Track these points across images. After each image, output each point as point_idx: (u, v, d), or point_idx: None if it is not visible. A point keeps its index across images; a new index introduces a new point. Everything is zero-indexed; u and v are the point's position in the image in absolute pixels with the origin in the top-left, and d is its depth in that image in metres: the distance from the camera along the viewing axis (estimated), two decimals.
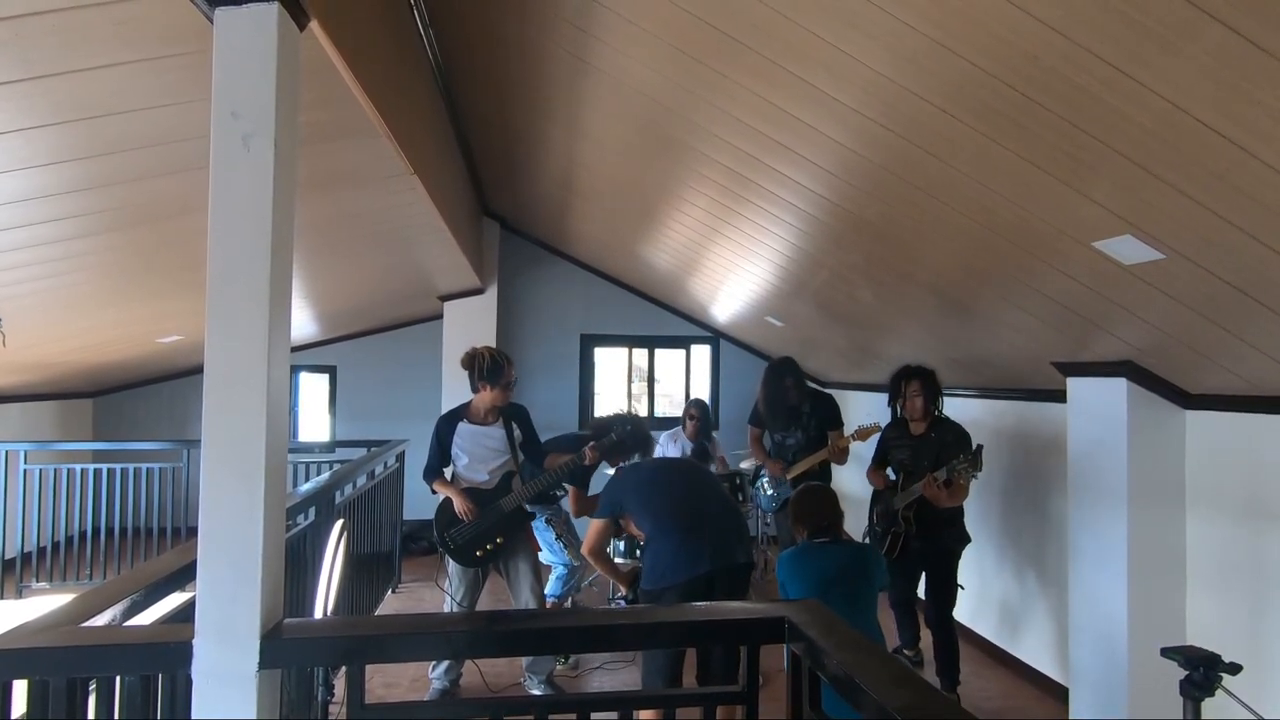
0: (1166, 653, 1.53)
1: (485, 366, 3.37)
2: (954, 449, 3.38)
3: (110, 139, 2.13)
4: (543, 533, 4.04)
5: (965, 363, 4.03)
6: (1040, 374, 3.46)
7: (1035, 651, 3.79)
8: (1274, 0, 1.23)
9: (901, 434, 3.63)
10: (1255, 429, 2.66)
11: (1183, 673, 1.50)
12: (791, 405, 4.10)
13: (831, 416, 4.13)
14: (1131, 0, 1.35)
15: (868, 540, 3.73)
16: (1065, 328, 2.92)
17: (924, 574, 3.56)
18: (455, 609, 3.42)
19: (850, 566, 2.58)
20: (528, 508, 3.49)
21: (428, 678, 3.48)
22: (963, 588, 3.52)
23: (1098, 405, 3.09)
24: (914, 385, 3.53)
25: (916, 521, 3.44)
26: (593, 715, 1.58)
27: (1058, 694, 3.49)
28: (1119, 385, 2.97)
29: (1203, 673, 1.43)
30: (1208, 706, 1.47)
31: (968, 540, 3.53)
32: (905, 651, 3.73)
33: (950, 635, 3.46)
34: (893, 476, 3.67)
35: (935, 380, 3.55)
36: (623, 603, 3.16)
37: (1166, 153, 1.68)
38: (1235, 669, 1.45)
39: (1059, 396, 3.36)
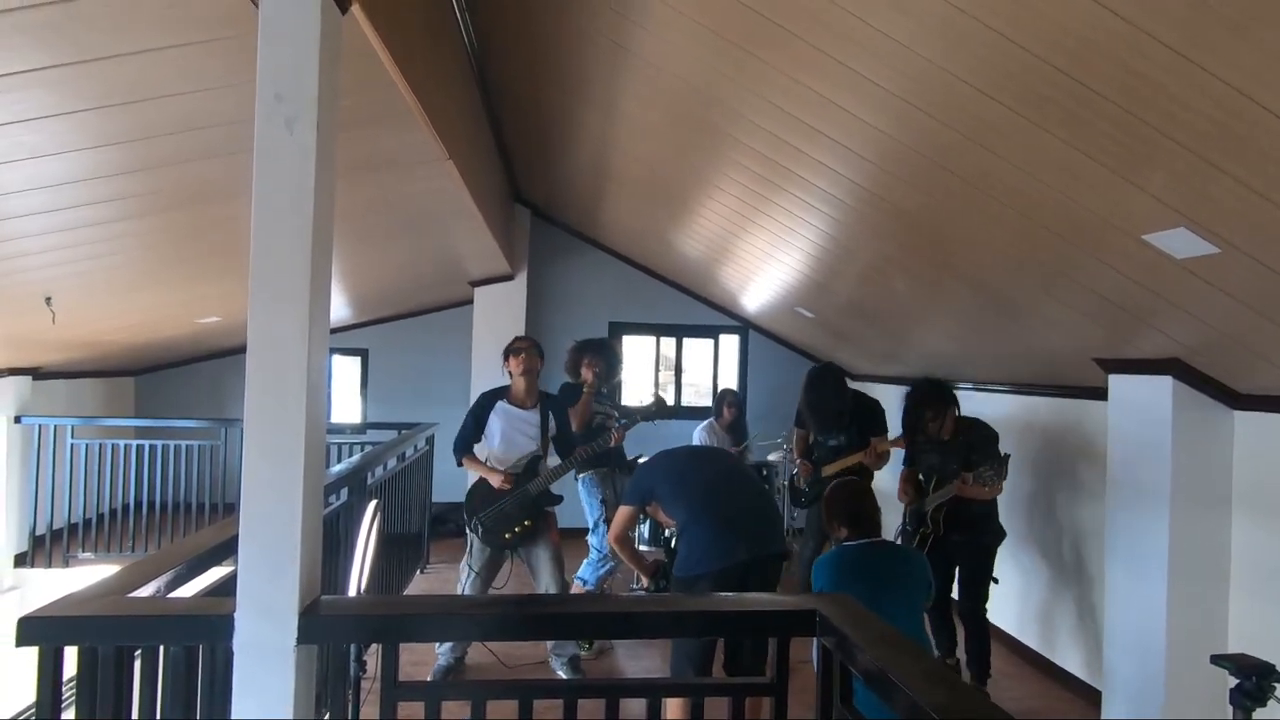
0: (1217, 660, 1.48)
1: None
2: (981, 450, 3.40)
3: (155, 122, 2.17)
4: (589, 492, 4.10)
5: (1003, 357, 3.94)
6: (1081, 371, 3.37)
7: (1067, 653, 3.72)
8: None
9: (930, 438, 3.64)
10: None
11: (1229, 681, 1.45)
12: (833, 411, 4.11)
13: (875, 421, 4.13)
14: None
15: (900, 538, 3.70)
16: (1109, 323, 2.84)
17: (957, 569, 3.53)
18: (471, 583, 3.47)
19: (895, 571, 2.45)
20: (554, 490, 3.52)
21: (434, 653, 3.53)
22: (997, 581, 3.49)
23: (1141, 404, 3.00)
24: (929, 414, 3.54)
25: (946, 523, 3.45)
26: (620, 701, 1.59)
27: (1090, 697, 3.43)
28: (1164, 384, 2.88)
29: (1255, 682, 1.38)
30: (1258, 716, 1.43)
31: (1003, 535, 3.51)
32: (946, 661, 3.65)
33: (981, 628, 3.44)
34: (921, 479, 3.70)
35: (942, 393, 3.56)
36: (642, 593, 3.17)
37: (1228, 142, 1.61)
38: None
39: (1100, 394, 3.27)
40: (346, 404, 6.98)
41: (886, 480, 5.36)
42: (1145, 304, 2.53)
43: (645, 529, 4.59)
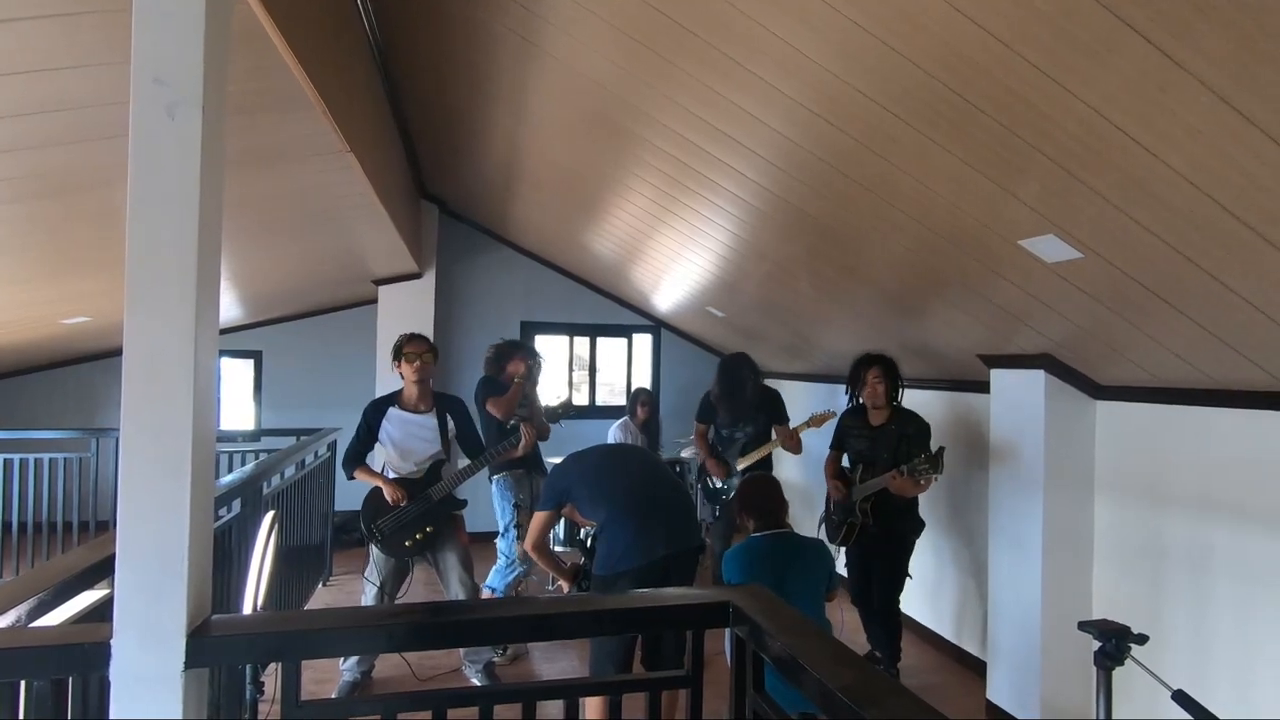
0: (1083, 626, 1.64)
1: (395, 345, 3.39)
2: (914, 442, 3.36)
3: (13, 100, 1.95)
4: (502, 495, 3.99)
5: (899, 354, 4.17)
6: (967, 366, 3.63)
7: (961, 631, 3.99)
8: (1189, 18, 1.31)
9: (860, 423, 3.55)
10: (1158, 419, 2.86)
11: (1094, 645, 1.61)
12: (746, 400, 4.14)
13: (776, 411, 4.21)
14: (1062, 8, 1.42)
15: (823, 528, 3.68)
16: (991, 322, 3.07)
17: (877, 563, 3.51)
18: (374, 597, 3.34)
19: (798, 559, 2.57)
20: (459, 495, 3.43)
21: (338, 669, 3.37)
22: (910, 577, 3.55)
23: (1018, 395, 3.26)
24: (874, 371, 3.43)
25: (874, 513, 3.43)
26: (539, 704, 1.57)
27: (979, 670, 3.69)
28: (1038, 377, 3.15)
29: (1114, 644, 1.55)
30: (1117, 675, 1.60)
31: (922, 526, 3.53)
32: (878, 656, 3.59)
33: (895, 620, 3.51)
34: (846, 465, 3.64)
35: (896, 368, 3.50)
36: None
37: (1088, 157, 1.78)
38: (1143, 640, 1.58)
39: (984, 388, 3.53)
40: (238, 410, 6.54)
41: (793, 470, 5.56)
42: (1021, 304, 2.76)
43: (561, 529, 4.56)
